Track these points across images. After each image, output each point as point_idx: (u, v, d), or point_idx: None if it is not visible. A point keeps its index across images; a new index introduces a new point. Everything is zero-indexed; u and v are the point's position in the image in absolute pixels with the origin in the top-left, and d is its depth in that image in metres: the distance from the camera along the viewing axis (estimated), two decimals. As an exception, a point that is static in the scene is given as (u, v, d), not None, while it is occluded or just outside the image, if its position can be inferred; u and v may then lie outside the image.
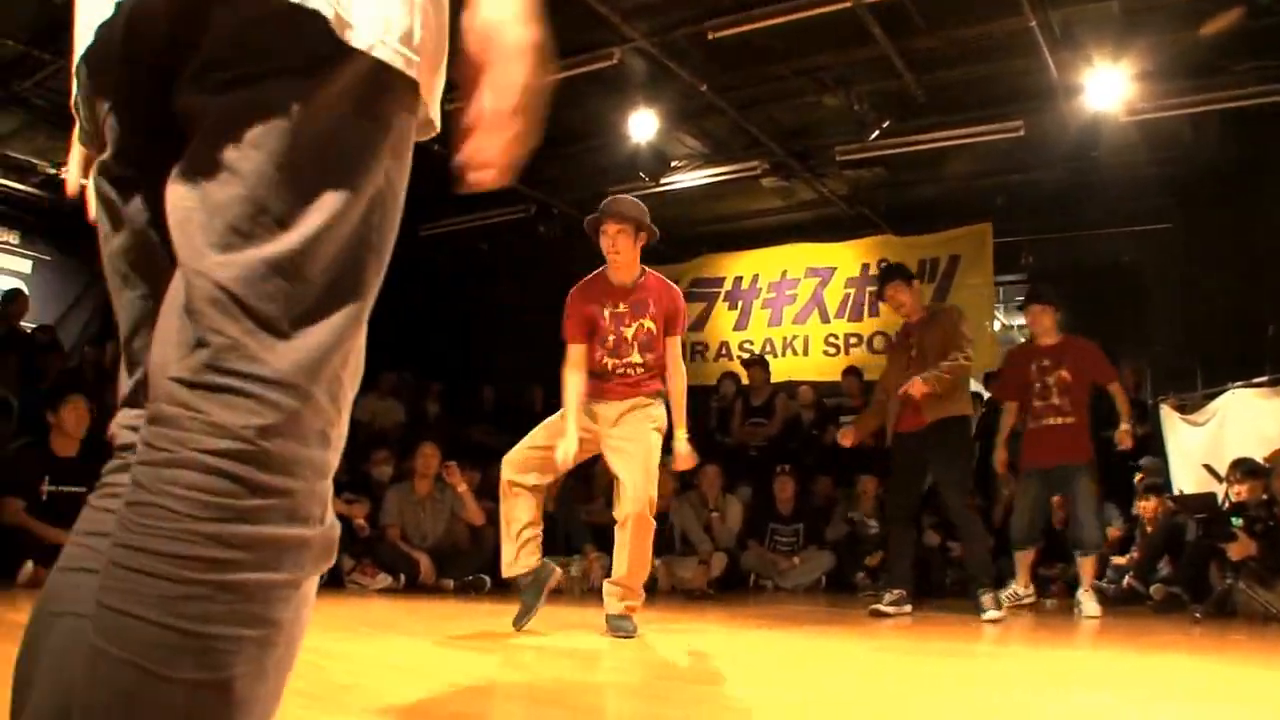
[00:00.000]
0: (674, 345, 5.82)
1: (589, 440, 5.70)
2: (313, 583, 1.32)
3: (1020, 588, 8.09)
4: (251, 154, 1.24)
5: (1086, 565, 7.91)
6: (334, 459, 1.33)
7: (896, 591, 7.35)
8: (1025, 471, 8.11)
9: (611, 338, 5.74)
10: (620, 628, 5.41)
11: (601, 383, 5.78)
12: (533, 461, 5.64)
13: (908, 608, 7.33)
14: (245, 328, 1.22)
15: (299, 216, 1.26)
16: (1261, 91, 8.86)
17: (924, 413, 7.27)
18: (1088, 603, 7.75)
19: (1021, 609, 7.94)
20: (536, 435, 5.71)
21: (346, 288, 1.32)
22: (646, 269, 5.91)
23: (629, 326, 5.75)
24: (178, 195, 1.27)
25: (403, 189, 1.44)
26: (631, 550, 5.48)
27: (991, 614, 7.01)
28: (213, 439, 1.20)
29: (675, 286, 6.02)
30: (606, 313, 5.78)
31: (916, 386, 7.05)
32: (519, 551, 5.67)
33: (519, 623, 5.58)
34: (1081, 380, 7.96)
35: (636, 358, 5.73)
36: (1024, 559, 8.12)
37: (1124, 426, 8.08)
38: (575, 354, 5.77)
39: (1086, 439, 7.94)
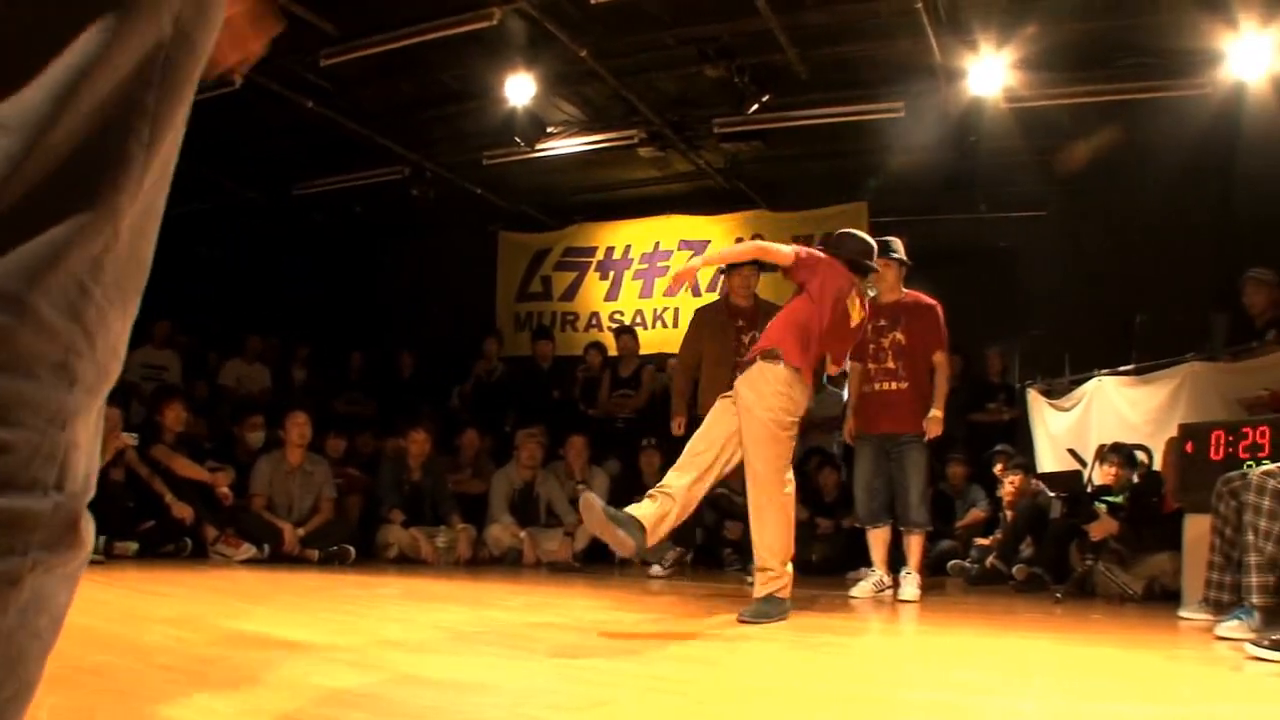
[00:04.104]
0: None
1: None
2: (53, 578, 0.99)
3: (884, 574, 7.55)
4: None
5: (912, 544, 7.44)
6: (84, 401, 0.99)
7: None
8: (858, 439, 7.69)
9: None
10: (754, 614, 5.19)
11: None
12: None
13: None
14: None
15: None
16: (1141, 87, 9.02)
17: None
18: (907, 585, 7.30)
19: (883, 597, 7.39)
20: None
21: (92, 162, 0.96)
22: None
23: None
24: None
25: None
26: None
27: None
28: None
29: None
30: None
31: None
32: None
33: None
34: (917, 344, 7.49)
35: None
36: (877, 538, 7.62)
37: (933, 413, 7.36)
38: None
39: (922, 409, 7.44)
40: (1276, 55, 8.40)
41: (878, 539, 7.61)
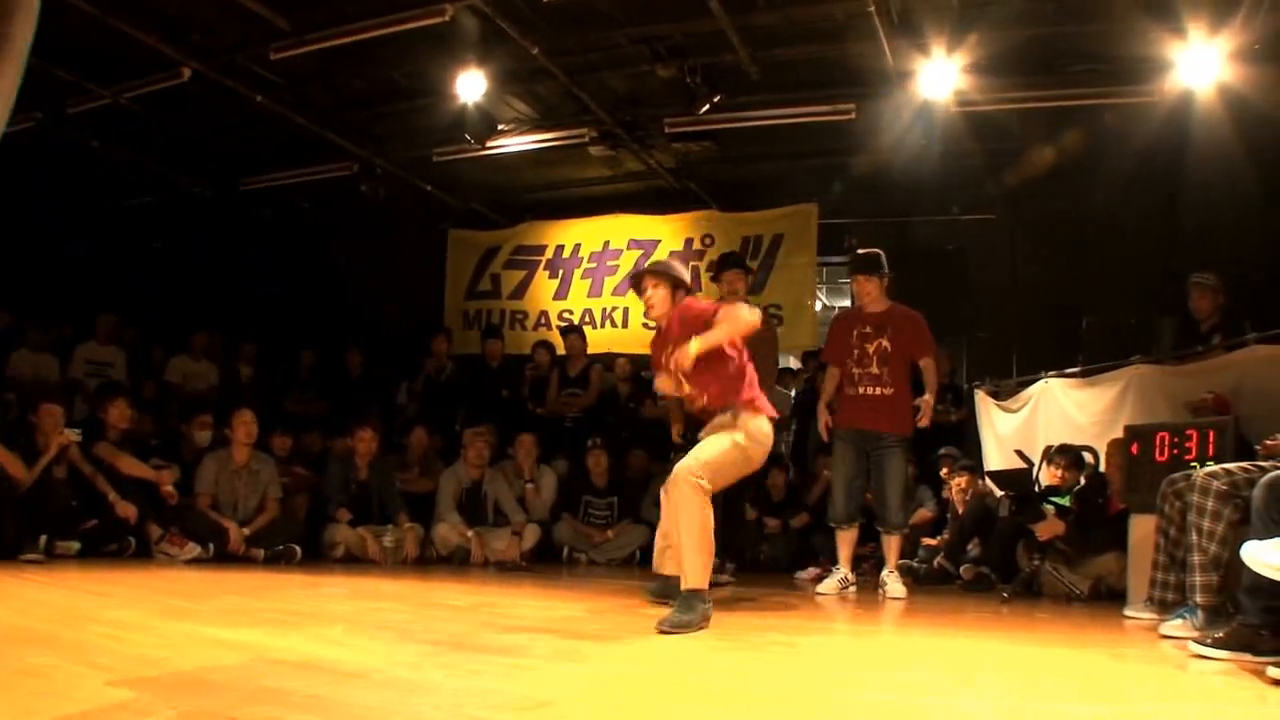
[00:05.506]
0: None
1: None
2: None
3: (849, 572, 7.83)
4: None
5: (892, 545, 7.78)
6: None
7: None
8: (837, 437, 7.82)
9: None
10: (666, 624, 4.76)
11: None
12: None
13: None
14: None
15: None
16: (1091, 93, 9.11)
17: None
18: (893, 584, 7.62)
19: (846, 596, 7.64)
20: None
21: None
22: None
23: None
24: None
25: None
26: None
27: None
28: None
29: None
30: None
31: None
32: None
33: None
34: (901, 351, 7.71)
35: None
36: (846, 538, 7.85)
37: (925, 397, 7.71)
38: None
39: (905, 413, 7.68)
40: (1224, 64, 8.49)
41: (846, 539, 7.87)
